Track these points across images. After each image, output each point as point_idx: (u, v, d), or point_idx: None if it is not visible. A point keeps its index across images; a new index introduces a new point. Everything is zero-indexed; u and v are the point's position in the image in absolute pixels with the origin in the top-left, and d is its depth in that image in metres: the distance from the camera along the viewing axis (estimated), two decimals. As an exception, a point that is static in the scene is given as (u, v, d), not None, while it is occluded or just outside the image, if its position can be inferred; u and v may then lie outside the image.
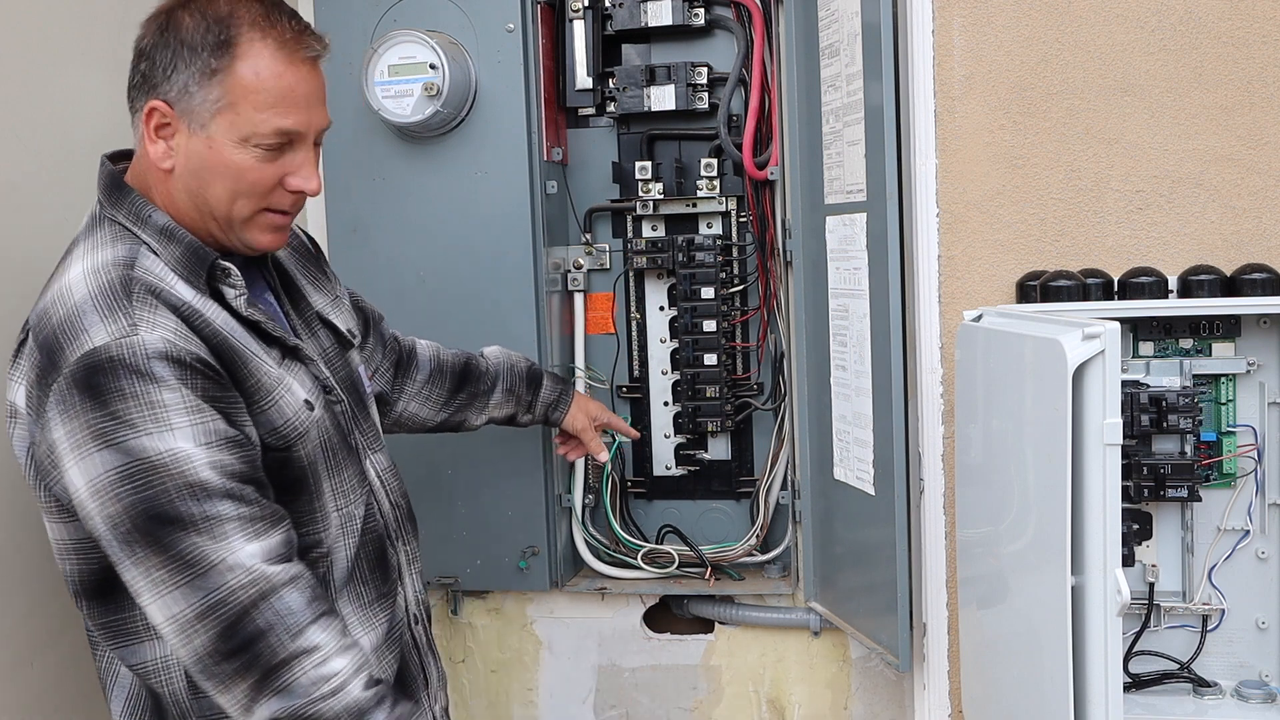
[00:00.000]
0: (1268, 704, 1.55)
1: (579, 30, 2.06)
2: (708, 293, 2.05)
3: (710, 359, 2.07)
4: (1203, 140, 1.59)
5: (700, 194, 2.06)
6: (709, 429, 2.11)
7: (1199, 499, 1.54)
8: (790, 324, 2.03)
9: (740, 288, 2.08)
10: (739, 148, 2.00)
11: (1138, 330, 1.58)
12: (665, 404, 2.15)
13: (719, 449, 2.15)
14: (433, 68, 1.90)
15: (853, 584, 1.93)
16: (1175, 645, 1.61)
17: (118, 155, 1.30)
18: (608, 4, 2.05)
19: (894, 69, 1.67)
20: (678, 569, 2.10)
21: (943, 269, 1.66)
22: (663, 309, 2.14)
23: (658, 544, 2.13)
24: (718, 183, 2.05)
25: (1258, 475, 1.55)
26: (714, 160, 2.04)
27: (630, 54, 2.10)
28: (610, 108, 2.09)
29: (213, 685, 1.14)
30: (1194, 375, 1.55)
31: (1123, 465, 1.28)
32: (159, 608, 1.13)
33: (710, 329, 2.06)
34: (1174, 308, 1.53)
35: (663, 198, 2.07)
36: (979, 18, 1.63)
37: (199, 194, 1.22)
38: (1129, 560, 1.53)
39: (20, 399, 1.19)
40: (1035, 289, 1.59)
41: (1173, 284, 1.55)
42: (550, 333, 2.04)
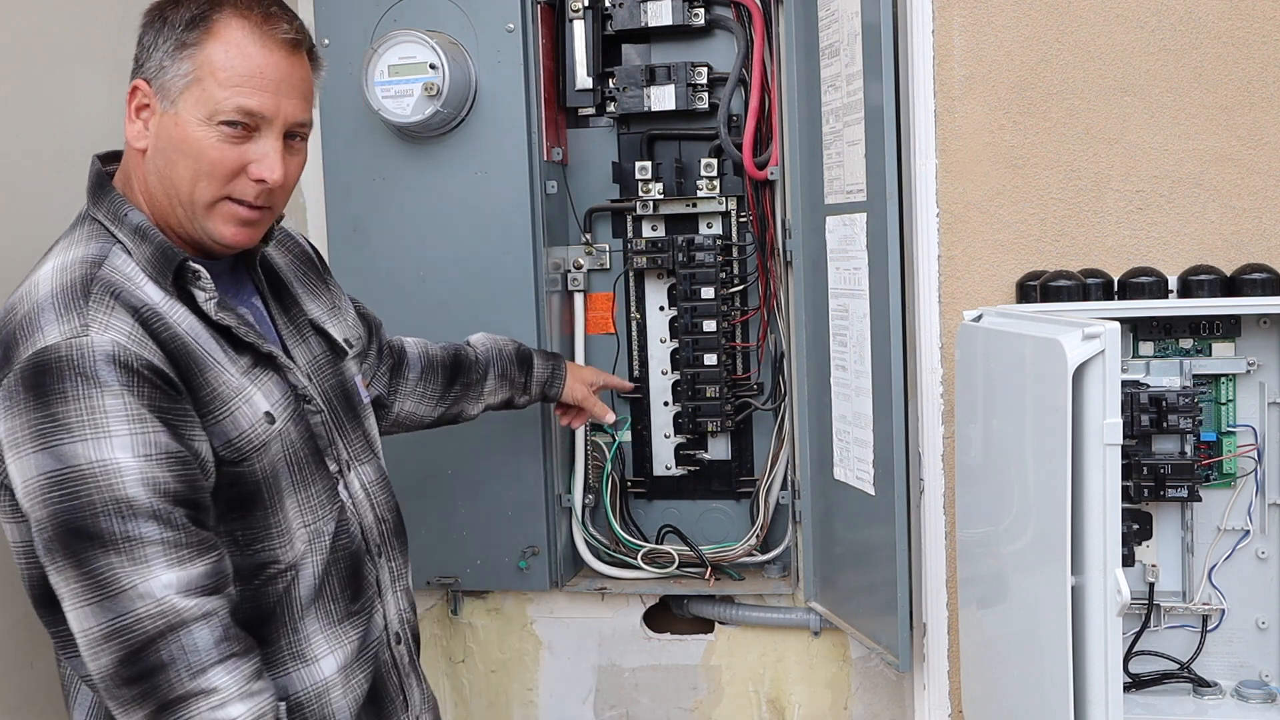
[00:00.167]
0: (1268, 704, 1.55)
1: (579, 30, 2.06)
2: (708, 293, 2.05)
3: (710, 359, 2.07)
4: (1203, 140, 1.59)
5: (700, 194, 2.06)
6: (709, 429, 2.11)
7: (1199, 499, 1.54)
8: (790, 324, 2.03)
9: (740, 288, 2.08)
10: (739, 148, 2.00)
11: (1138, 330, 1.58)
12: (665, 404, 2.15)
13: (719, 449, 2.15)
14: (433, 68, 1.90)
15: (853, 584, 1.93)
16: (1175, 645, 1.60)
17: (109, 156, 1.29)
18: (608, 4, 2.04)
19: (894, 69, 1.67)
20: (678, 569, 2.10)
21: (943, 269, 1.66)
22: (663, 309, 2.14)
23: (658, 544, 2.13)
24: (718, 183, 2.05)
25: (1258, 475, 1.55)
26: (714, 160, 2.04)
27: (630, 54, 2.10)
28: (610, 108, 2.09)
29: (113, 705, 1.13)
30: (1194, 375, 1.55)
31: (1123, 465, 1.28)
32: (74, 618, 1.12)
33: (710, 329, 2.06)
34: (1174, 308, 1.53)
35: (663, 198, 2.07)
36: (979, 18, 1.63)
37: (166, 174, 1.21)
38: (1129, 560, 1.53)
39: None
40: (1035, 289, 1.59)
41: (1173, 284, 1.55)
42: (550, 333, 2.04)
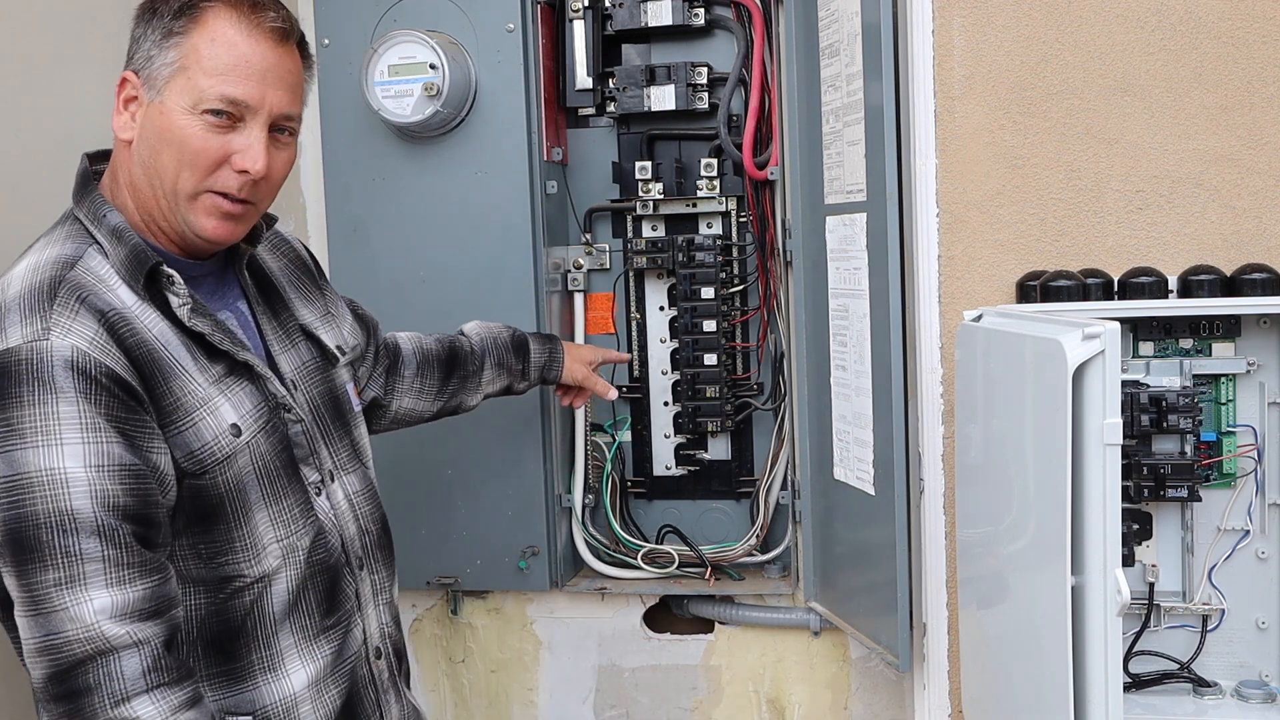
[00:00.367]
0: (1268, 704, 1.55)
1: (579, 30, 2.06)
2: (708, 293, 2.05)
3: (710, 359, 2.07)
4: (1203, 140, 1.59)
5: (700, 194, 2.06)
6: (709, 429, 2.11)
7: (1199, 499, 1.54)
8: (790, 324, 2.03)
9: (740, 288, 2.08)
10: (739, 148, 2.00)
11: (1138, 330, 1.58)
12: (665, 404, 2.15)
13: (719, 449, 2.15)
14: (433, 68, 1.90)
15: (853, 584, 1.93)
16: (1175, 645, 1.60)
17: (100, 154, 1.29)
18: (608, 4, 2.04)
19: (894, 69, 1.67)
20: (678, 569, 2.10)
21: (943, 269, 1.66)
22: (663, 309, 2.14)
23: (658, 544, 2.13)
24: (718, 183, 2.05)
25: (1258, 475, 1.55)
26: (714, 160, 2.04)
27: (630, 54, 2.10)
28: (610, 108, 2.09)
29: (45, 717, 1.12)
30: (1194, 375, 1.55)
31: (1123, 465, 1.28)
32: (19, 625, 1.12)
33: (710, 329, 2.06)
34: (1174, 308, 1.53)
35: (663, 198, 2.07)
36: (979, 18, 1.63)
37: (150, 165, 1.20)
38: (1129, 560, 1.53)
39: None
40: (1035, 289, 1.59)
41: (1173, 284, 1.55)
42: (550, 332, 2.04)
